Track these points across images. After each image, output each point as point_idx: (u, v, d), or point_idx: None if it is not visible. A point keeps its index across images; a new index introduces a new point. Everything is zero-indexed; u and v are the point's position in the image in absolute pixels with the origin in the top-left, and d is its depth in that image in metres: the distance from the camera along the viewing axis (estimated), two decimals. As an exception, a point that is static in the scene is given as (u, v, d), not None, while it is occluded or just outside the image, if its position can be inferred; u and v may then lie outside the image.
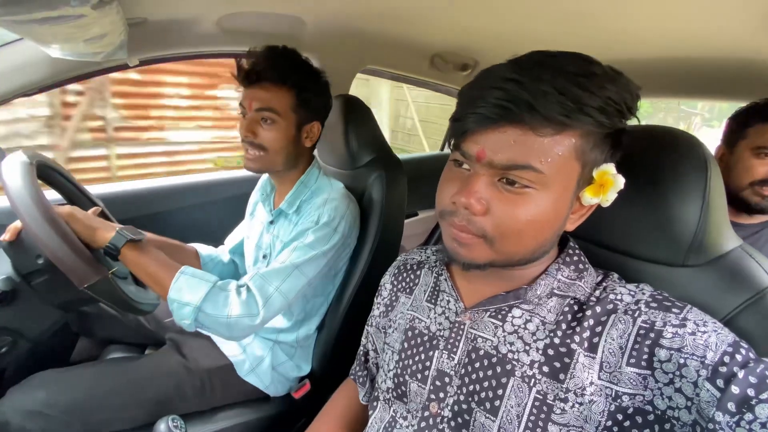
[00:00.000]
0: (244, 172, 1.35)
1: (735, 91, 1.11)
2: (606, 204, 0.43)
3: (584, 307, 0.45)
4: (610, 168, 0.42)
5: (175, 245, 0.97)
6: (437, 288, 0.56)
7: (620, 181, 0.42)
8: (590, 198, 0.43)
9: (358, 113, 1.00)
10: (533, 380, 0.43)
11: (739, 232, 0.93)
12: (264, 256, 0.92)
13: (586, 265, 0.49)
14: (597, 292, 0.46)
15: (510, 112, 0.37)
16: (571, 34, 1.00)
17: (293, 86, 0.80)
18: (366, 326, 0.68)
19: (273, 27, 1.03)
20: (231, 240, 1.07)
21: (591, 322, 0.43)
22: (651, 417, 0.39)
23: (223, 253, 1.06)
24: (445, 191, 0.44)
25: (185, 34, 0.96)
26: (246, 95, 0.81)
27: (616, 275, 0.48)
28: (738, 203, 0.91)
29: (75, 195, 0.84)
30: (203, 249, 1.03)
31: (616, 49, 1.02)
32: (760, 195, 0.88)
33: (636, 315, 0.41)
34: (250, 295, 0.73)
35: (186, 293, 0.69)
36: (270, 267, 0.77)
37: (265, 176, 0.99)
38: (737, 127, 0.94)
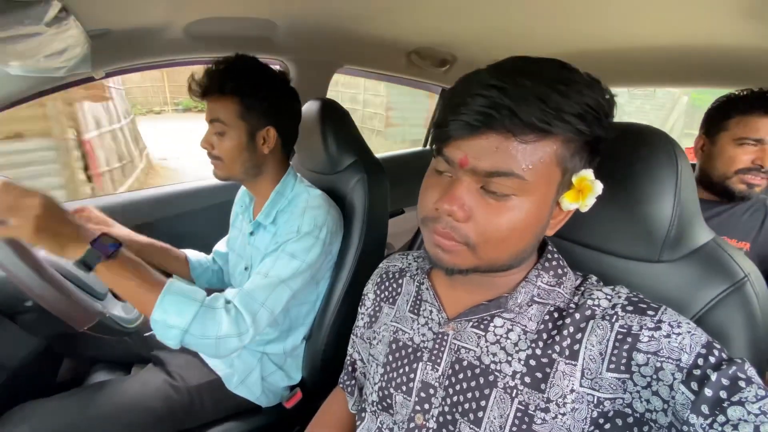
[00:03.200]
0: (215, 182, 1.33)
1: (716, 79, 1.12)
2: (585, 209, 0.43)
3: (564, 314, 0.45)
4: (589, 174, 0.42)
5: (164, 249, 0.95)
6: (419, 297, 0.55)
7: (598, 187, 0.42)
8: (569, 204, 0.43)
9: (335, 116, 0.98)
10: (515, 391, 0.43)
11: (714, 209, 0.97)
12: (246, 268, 0.91)
13: (565, 269, 0.49)
14: (576, 298, 0.46)
15: (492, 119, 0.36)
16: (549, 27, 0.99)
17: (234, 93, 0.78)
18: (352, 336, 0.67)
19: (243, 31, 1.01)
20: (220, 246, 1.06)
21: (571, 329, 0.43)
22: (630, 420, 0.39)
23: (215, 258, 1.06)
24: (428, 198, 0.43)
25: (152, 43, 0.94)
26: (206, 108, 0.82)
27: (594, 278, 0.48)
28: (722, 191, 0.94)
29: None
30: (193, 254, 1.01)
31: (596, 41, 1.02)
32: (745, 183, 0.91)
33: (613, 320, 0.41)
34: (238, 313, 0.72)
35: (172, 315, 0.66)
36: (253, 282, 0.75)
37: (243, 187, 0.97)
38: (718, 119, 0.96)
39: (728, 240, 0.86)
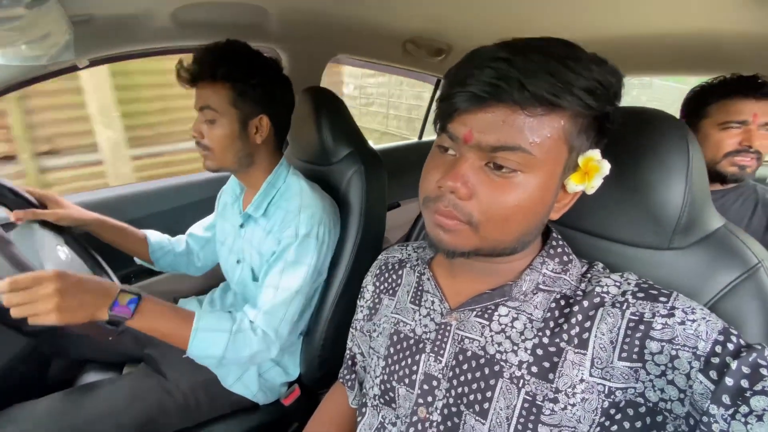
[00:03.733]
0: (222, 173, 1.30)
1: (709, 67, 1.13)
2: (591, 191, 0.42)
3: (571, 302, 0.44)
4: (596, 154, 0.41)
5: (124, 230, 0.93)
6: (420, 288, 0.54)
7: (606, 167, 0.41)
8: (575, 185, 0.42)
9: (330, 106, 0.96)
10: (522, 381, 0.42)
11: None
12: (238, 261, 0.88)
13: (571, 257, 0.47)
14: (583, 285, 0.44)
15: (500, 90, 0.35)
16: (545, 16, 0.98)
17: (226, 80, 0.75)
18: (351, 329, 0.66)
19: (233, 18, 0.97)
20: (196, 230, 1.02)
21: (579, 317, 0.42)
22: (642, 409, 0.38)
23: (178, 242, 1.02)
24: (431, 177, 0.42)
25: (137, 30, 0.90)
26: (195, 94, 0.79)
27: (600, 265, 0.47)
28: (714, 176, 0.94)
29: (16, 203, 0.79)
30: (154, 236, 0.98)
31: (594, 30, 1.02)
32: (736, 165, 0.92)
33: (624, 307, 0.40)
34: (264, 333, 0.76)
35: (207, 348, 0.71)
36: (268, 299, 0.77)
37: (232, 177, 0.94)
38: (696, 108, 0.98)
39: None
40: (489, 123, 0.37)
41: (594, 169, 0.41)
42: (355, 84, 7.55)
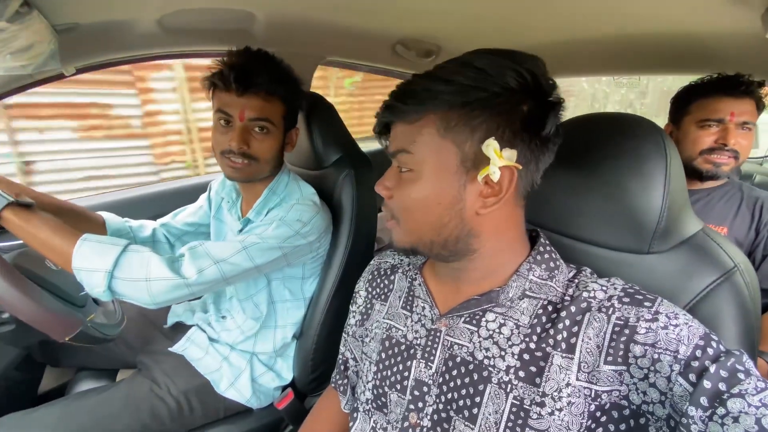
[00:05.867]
0: (210, 178, 1.29)
1: (688, 66, 1.14)
2: (494, 177, 0.41)
3: (558, 307, 0.44)
4: (490, 141, 0.41)
5: (78, 211, 0.87)
6: (412, 293, 0.55)
7: (508, 154, 0.41)
8: (479, 175, 0.42)
9: (320, 111, 0.96)
10: (510, 386, 0.43)
11: (691, 196, 0.99)
12: None
13: (558, 262, 0.48)
14: (570, 291, 0.45)
15: (392, 112, 0.46)
16: (534, 17, 0.99)
17: (284, 96, 0.78)
18: (344, 334, 0.66)
19: (221, 24, 0.97)
20: (174, 221, 0.99)
21: (567, 322, 0.43)
22: (626, 412, 0.39)
23: (141, 228, 0.96)
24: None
25: (124, 37, 0.89)
26: (233, 103, 0.75)
27: (588, 270, 0.48)
28: (691, 172, 0.97)
29: None
30: (113, 219, 0.93)
31: (581, 30, 1.02)
32: (711, 162, 0.95)
33: (610, 312, 0.41)
34: (179, 261, 0.69)
35: (94, 259, 0.63)
36: (212, 243, 0.73)
37: (225, 180, 0.94)
38: (681, 105, 1.01)
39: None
40: (394, 134, 0.47)
41: (496, 156, 0.41)
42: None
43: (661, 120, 0.55)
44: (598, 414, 0.40)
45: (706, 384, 0.34)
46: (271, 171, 0.84)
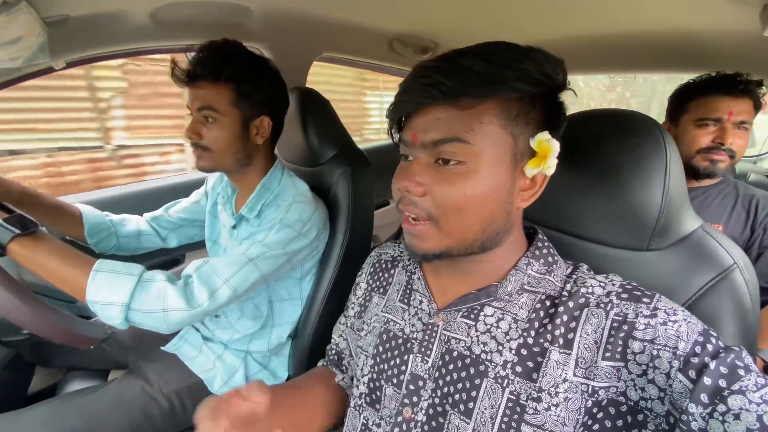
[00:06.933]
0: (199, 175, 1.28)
1: (686, 64, 1.14)
2: (548, 171, 0.43)
3: (556, 302, 0.44)
4: (544, 135, 0.41)
5: (54, 204, 0.84)
6: (410, 287, 0.55)
7: (555, 146, 0.42)
8: (532, 169, 0.43)
9: (316, 107, 0.95)
10: (506, 381, 0.43)
11: (688, 193, 1.00)
12: None
13: (555, 258, 0.48)
14: (568, 286, 0.45)
15: (430, 94, 0.40)
16: (531, 13, 0.99)
17: (230, 80, 0.74)
18: (339, 324, 0.65)
19: (215, 17, 0.95)
20: (166, 213, 0.98)
21: (564, 318, 0.42)
22: (624, 408, 0.39)
23: (125, 220, 0.94)
24: (394, 184, 0.46)
25: (116, 30, 0.87)
26: (189, 96, 0.76)
27: (585, 266, 0.48)
28: (687, 170, 0.96)
29: None
30: (91, 212, 0.89)
31: (580, 27, 1.02)
32: (708, 160, 0.95)
33: (608, 308, 0.41)
34: (189, 287, 0.68)
35: (108, 292, 0.61)
36: (218, 260, 0.71)
37: (223, 176, 0.93)
38: (679, 104, 1.01)
39: None
40: (429, 122, 0.42)
41: (547, 150, 0.42)
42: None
43: (654, 118, 0.55)
44: (595, 410, 0.39)
45: (706, 381, 0.34)
46: (236, 162, 0.79)
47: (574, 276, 0.46)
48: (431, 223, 0.43)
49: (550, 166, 0.42)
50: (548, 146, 0.41)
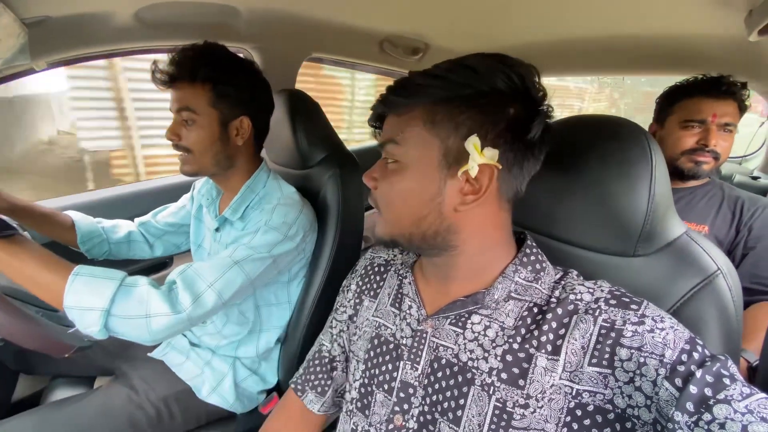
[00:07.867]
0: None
1: (673, 67, 1.16)
2: (472, 172, 0.42)
3: (544, 309, 0.44)
4: (473, 138, 0.42)
5: (45, 213, 0.83)
6: (401, 292, 0.55)
7: (468, 146, 0.42)
8: (460, 171, 0.43)
9: (305, 109, 0.94)
10: (492, 388, 0.43)
11: (674, 194, 1.01)
12: None
13: (544, 264, 0.48)
14: (557, 293, 0.45)
15: (384, 103, 0.47)
16: (520, 16, 0.99)
17: (207, 80, 0.74)
18: (329, 329, 0.63)
19: (202, 18, 0.94)
20: (154, 219, 0.98)
21: (553, 324, 0.42)
22: (611, 416, 0.39)
23: (116, 227, 0.93)
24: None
25: (99, 31, 0.86)
26: (170, 98, 0.76)
27: (574, 272, 0.48)
28: (673, 171, 0.98)
29: None
30: (83, 220, 0.88)
31: (567, 29, 1.03)
32: (692, 161, 0.97)
33: (597, 314, 0.41)
34: (173, 291, 0.65)
35: (87, 297, 0.58)
36: (202, 263, 0.69)
37: (208, 179, 0.92)
38: (666, 105, 1.02)
39: (687, 224, 0.90)
40: (384, 127, 0.49)
41: (476, 152, 0.42)
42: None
43: (640, 119, 0.56)
44: (579, 412, 0.40)
45: (692, 389, 0.34)
46: (217, 164, 0.79)
47: (563, 282, 0.46)
48: (379, 213, 0.49)
49: (471, 167, 0.42)
50: (476, 149, 0.42)
